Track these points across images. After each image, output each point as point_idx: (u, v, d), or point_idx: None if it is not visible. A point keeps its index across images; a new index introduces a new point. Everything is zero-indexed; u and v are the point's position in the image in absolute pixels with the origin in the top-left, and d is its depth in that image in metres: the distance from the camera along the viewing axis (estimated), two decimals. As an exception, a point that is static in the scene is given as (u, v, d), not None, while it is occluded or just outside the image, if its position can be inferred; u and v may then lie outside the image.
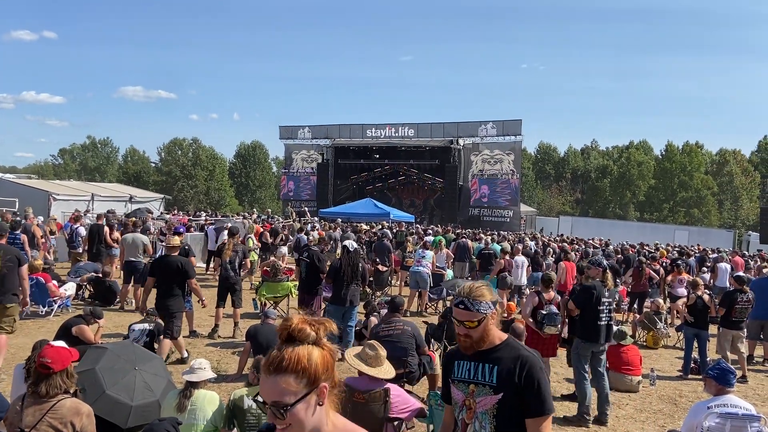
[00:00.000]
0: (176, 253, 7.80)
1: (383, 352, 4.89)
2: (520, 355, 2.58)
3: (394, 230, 20.96)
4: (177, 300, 7.42)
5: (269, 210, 37.24)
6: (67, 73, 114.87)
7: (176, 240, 8.09)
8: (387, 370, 4.78)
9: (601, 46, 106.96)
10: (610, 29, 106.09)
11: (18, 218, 12.58)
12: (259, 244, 16.13)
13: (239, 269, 9.42)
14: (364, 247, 16.03)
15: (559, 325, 7.00)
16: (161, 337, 7.39)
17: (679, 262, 14.63)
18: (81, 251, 13.67)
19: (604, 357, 6.68)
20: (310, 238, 16.17)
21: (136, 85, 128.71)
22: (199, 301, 8.03)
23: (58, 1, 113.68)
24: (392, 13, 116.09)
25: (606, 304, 6.50)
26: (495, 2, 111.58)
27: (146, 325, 7.39)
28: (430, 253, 12.87)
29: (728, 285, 14.36)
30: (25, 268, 7.02)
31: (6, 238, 7.44)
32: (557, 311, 6.94)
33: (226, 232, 11.52)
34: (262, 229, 17.69)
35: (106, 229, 12.69)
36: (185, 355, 7.50)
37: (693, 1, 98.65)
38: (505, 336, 2.67)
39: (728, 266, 15.12)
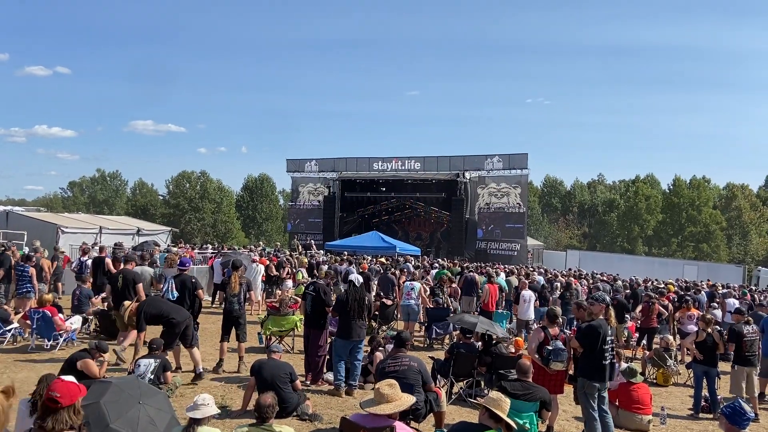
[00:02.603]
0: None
1: (396, 385, 4.85)
2: None
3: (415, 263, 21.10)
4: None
5: (278, 243, 37.30)
6: (79, 107, 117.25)
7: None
8: (406, 401, 4.73)
9: (606, 81, 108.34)
10: (616, 65, 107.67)
11: (32, 252, 12.76)
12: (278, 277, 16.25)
13: (244, 302, 9.40)
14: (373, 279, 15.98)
15: (566, 361, 6.91)
16: (167, 373, 7.37)
17: (687, 297, 14.48)
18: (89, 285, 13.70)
19: (606, 395, 6.58)
20: (317, 272, 16.14)
21: (147, 119, 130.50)
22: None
23: (72, 38, 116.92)
24: (399, 48, 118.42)
25: (610, 342, 6.44)
26: (500, 38, 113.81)
27: (152, 361, 7.35)
28: (418, 285, 13.02)
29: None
30: (140, 287, 9.08)
31: (133, 264, 9.86)
32: (563, 347, 6.85)
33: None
34: (267, 262, 17.66)
35: (108, 261, 12.75)
36: (200, 370, 8.34)
37: (699, 39, 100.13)
38: None
39: (736, 302, 14.95)
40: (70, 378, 3.59)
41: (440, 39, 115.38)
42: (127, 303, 8.87)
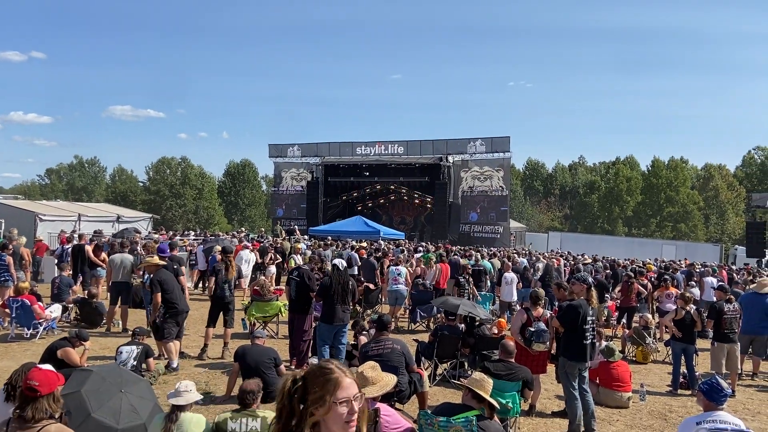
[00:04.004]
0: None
1: (377, 367, 4.85)
2: None
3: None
4: None
5: (263, 229, 37.03)
6: (55, 93, 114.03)
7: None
8: (389, 381, 4.74)
9: (586, 64, 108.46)
10: (596, 48, 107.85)
11: (6, 241, 12.48)
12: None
13: (234, 289, 9.37)
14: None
15: (548, 342, 7.00)
16: (150, 359, 7.33)
17: (666, 276, 14.74)
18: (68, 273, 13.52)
19: (587, 374, 6.68)
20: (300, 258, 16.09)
21: (125, 104, 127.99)
22: None
23: (47, 22, 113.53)
24: (381, 33, 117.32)
25: (590, 322, 6.51)
26: (482, 22, 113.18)
27: (134, 347, 7.31)
28: (404, 270, 13.07)
29: (714, 298, 14.52)
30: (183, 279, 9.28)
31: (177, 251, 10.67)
32: (545, 328, 6.94)
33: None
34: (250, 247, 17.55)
35: (88, 248, 12.58)
36: (175, 364, 8.05)
37: (677, 21, 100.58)
38: None
39: (714, 280, 15.24)
40: (48, 366, 3.55)
41: (422, 22, 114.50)
42: (157, 258, 9.12)
